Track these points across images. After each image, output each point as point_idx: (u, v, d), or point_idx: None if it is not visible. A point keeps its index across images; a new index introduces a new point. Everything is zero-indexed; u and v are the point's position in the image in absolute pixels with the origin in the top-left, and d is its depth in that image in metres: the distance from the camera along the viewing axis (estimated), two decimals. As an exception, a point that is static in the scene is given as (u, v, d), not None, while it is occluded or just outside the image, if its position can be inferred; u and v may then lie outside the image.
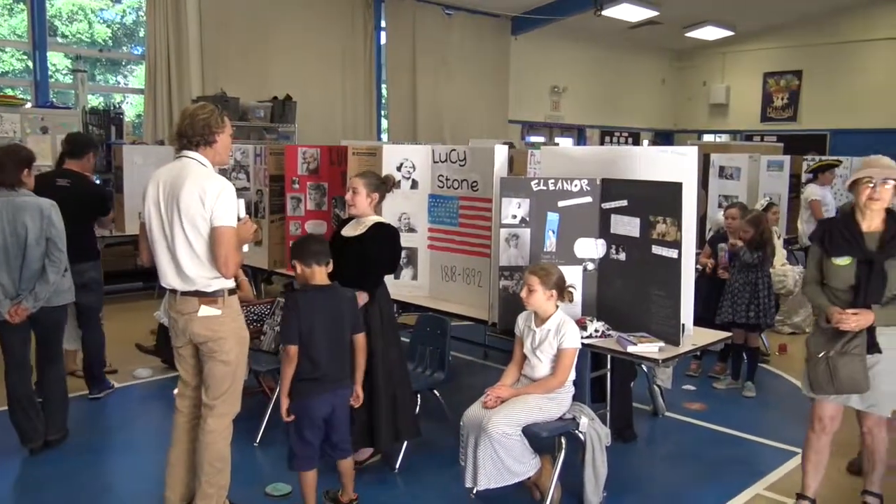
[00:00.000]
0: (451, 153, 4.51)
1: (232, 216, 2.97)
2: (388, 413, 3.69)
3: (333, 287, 3.30)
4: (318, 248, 3.27)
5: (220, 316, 3.05)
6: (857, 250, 3.10)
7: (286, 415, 3.19)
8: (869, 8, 13.76)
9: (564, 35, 13.70)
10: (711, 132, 16.75)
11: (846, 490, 3.66)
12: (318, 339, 3.16)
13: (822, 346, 3.14)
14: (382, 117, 11.99)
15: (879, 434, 3.29)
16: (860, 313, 3.03)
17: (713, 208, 7.21)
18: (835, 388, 3.11)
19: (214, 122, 3.07)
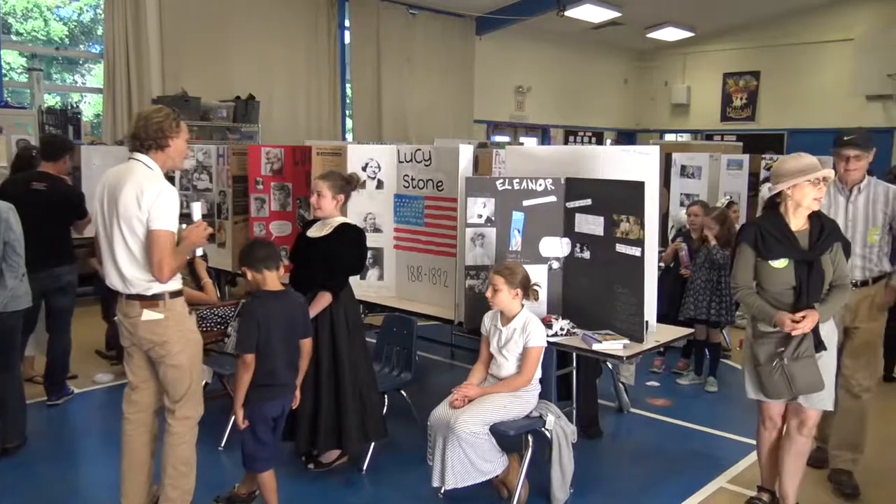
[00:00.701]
0: (416, 153, 4.51)
1: (169, 220, 2.92)
2: (356, 414, 3.68)
3: (287, 292, 3.29)
4: (266, 253, 3.23)
5: (163, 320, 3.01)
6: (793, 251, 3.09)
7: (242, 422, 3.17)
8: (822, 10, 14.08)
9: (528, 35, 13.77)
10: (673, 132, 16.98)
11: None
12: (275, 346, 3.15)
13: (771, 352, 3.11)
14: (347, 117, 11.91)
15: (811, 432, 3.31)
16: (808, 315, 3.04)
17: (675, 207, 7.33)
18: (793, 393, 3.12)
19: (168, 127, 3.03)
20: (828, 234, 3.13)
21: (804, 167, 3.07)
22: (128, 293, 3.02)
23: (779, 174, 3.12)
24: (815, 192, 3.07)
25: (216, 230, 5.82)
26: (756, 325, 3.24)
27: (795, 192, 3.08)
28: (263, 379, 3.15)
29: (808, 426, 3.26)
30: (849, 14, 13.87)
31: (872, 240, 3.59)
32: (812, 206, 3.11)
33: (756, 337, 3.22)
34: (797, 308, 3.07)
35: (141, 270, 2.96)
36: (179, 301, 3.09)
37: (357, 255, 3.75)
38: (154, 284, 2.97)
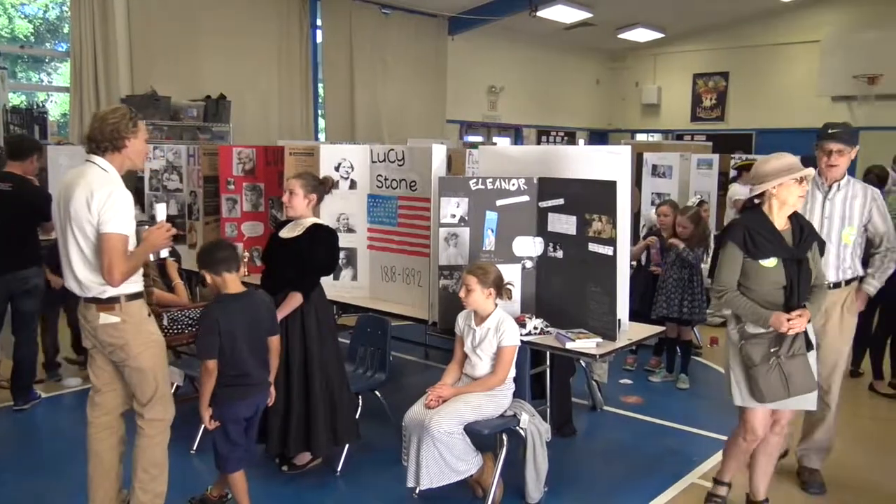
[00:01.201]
0: (389, 153, 4.50)
1: (119, 223, 2.88)
2: (326, 417, 3.65)
3: (249, 293, 3.25)
4: (225, 255, 3.18)
5: (120, 323, 2.98)
6: (782, 250, 3.06)
7: (209, 424, 3.15)
8: (789, 12, 14.31)
9: (501, 35, 13.81)
10: (644, 132, 17.14)
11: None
12: (242, 348, 3.11)
13: (765, 352, 3.05)
14: (320, 117, 11.85)
15: (784, 431, 3.34)
16: (802, 313, 3.02)
17: (647, 206, 7.39)
18: (789, 393, 3.07)
19: (124, 127, 2.98)
20: (808, 232, 3.15)
21: (789, 165, 3.06)
22: (84, 297, 2.99)
23: (763, 173, 3.08)
24: (800, 191, 3.06)
25: (187, 231, 5.76)
26: (743, 327, 3.14)
27: (781, 191, 3.05)
28: (234, 380, 3.12)
29: (782, 425, 3.29)
30: (815, 16, 14.12)
31: (847, 240, 3.56)
32: (797, 204, 3.11)
33: (745, 339, 3.10)
34: (788, 307, 3.04)
35: (94, 274, 2.93)
36: (137, 304, 3.04)
37: (329, 255, 3.73)
38: (108, 288, 2.93)
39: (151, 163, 5.94)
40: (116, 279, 2.87)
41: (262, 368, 3.22)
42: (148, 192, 6.03)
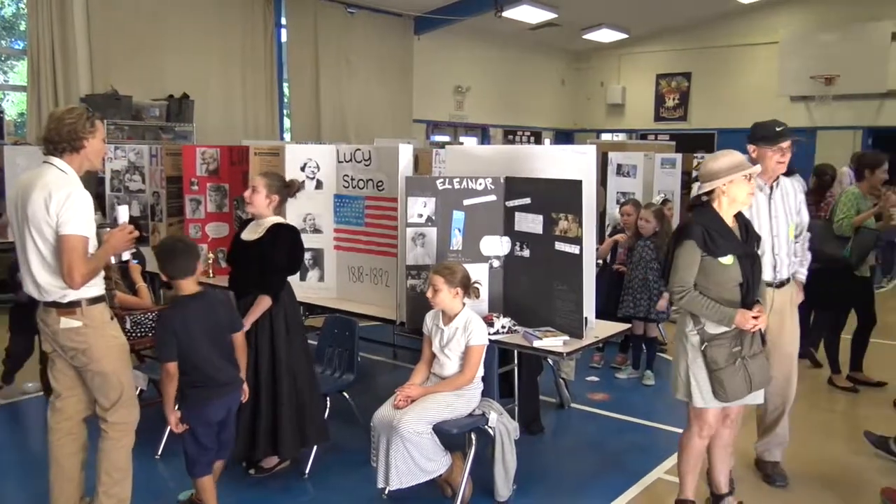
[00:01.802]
0: (355, 153, 4.48)
1: (78, 224, 2.82)
2: (293, 420, 3.62)
3: (204, 293, 3.18)
4: (184, 266, 3.10)
5: (81, 327, 2.92)
6: (737, 247, 3.08)
7: (176, 426, 3.10)
8: (749, 14, 14.60)
9: (467, 35, 13.85)
10: (609, 131, 17.33)
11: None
12: (200, 349, 3.06)
13: (728, 353, 3.04)
14: (285, 116, 11.75)
15: (734, 423, 3.40)
16: (762, 310, 3.07)
17: (612, 205, 7.46)
18: (750, 391, 3.11)
19: (82, 128, 2.93)
20: (752, 230, 3.21)
21: (738, 163, 3.07)
22: (44, 301, 2.93)
23: (713, 171, 3.08)
24: (749, 188, 3.09)
25: (150, 232, 5.67)
26: (703, 328, 3.08)
27: (731, 188, 3.05)
28: (202, 381, 3.08)
29: (732, 418, 3.35)
30: (774, 18, 14.41)
31: (792, 235, 3.64)
32: (747, 201, 3.13)
33: (708, 341, 3.06)
34: (745, 304, 3.06)
35: (54, 277, 2.87)
36: (99, 308, 2.99)
37: (292, 254, 3.69)
38: (69, 291, 2.87)
39: (113, 163, 5.83)
40: (77, 282, 2.81)
41: (230, 367, 3.19)
42: (109, 193, 5.92)
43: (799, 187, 3.72)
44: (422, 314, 3.70)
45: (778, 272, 3.57)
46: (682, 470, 3.36)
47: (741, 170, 3.05)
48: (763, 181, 3.52)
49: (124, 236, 2.99)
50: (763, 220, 3.50)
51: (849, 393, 5.29)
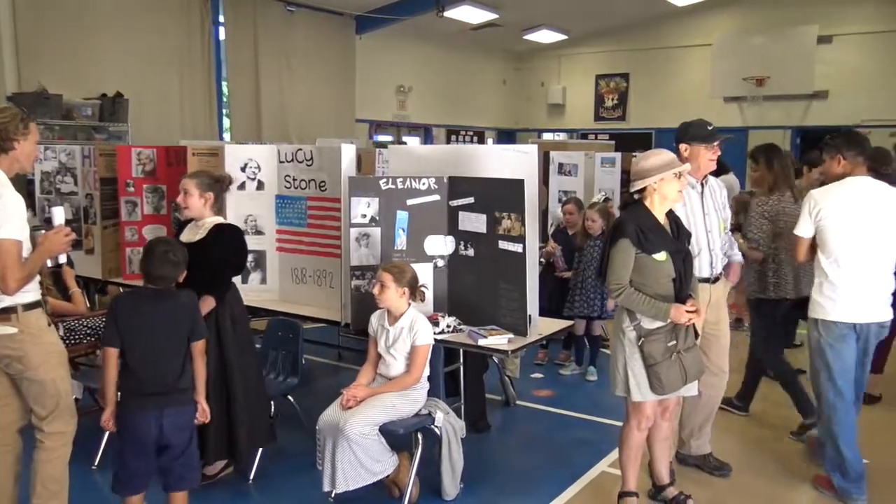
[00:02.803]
0: (297, 153, 4.43)
1: (11, 228, 2.72)
2: (246, 421, 3.56)
3: (169, 293, 3.01)
4: (167, 273, 2.98)
5: (17, 334, 2.82)
6: (670, 243, 3.16)
7: (108, 423, 2.93)
8: (684, 16, 14.97)
9: (409, 35, 13.82)
10: (550, 131, 17.54)
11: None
12: (139, 348, 2.89)
13: (664, 347, 3.11)
14: (224, 116, 11.52)
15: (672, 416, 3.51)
16: (695, 304, 3.16)
17: (554, 204, 7.56)
18: (686, 383, 3.20)
19: (14, 129, 2.82)
20: (682, 226, 3.29)
21: (669, 161, 3.15)
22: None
23: (645, 169, 3.15)
24: (678, 185, 3.17)
25: (83, 236, 5.49)
26: (640, 324, 3.15)
27: (663, 186, 3.13)
28: (128, 383, 2.90)
29: (670, 410, 3.44)
30: (707, 20, 14.82)
31: (723, 230, 3.74)
32: (678, 198, 3.22)
33: (644, 337, 3.13)
34: (679, 299, 3.14)
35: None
36: (35, 314, 2.88)
37: (235, 255, 3.63)
38: (4, 297, 2.77)
39: (42, 164, 5.62)
40: (11, 287, 2.71)
41: (165, 380, 2.91)
42: (39, 195, 5.70)
43: (722, 184, 3.84)
44: (367, 315, 3.68)
45: (714, 268, 3.67)
46: (623, 463, 3.43)
47: (671, 168, 3.13)
48: (695, 179, 3.60)
49: (60, 238, 2.89)
50: (697, 217, 3.59)
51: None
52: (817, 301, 3.53)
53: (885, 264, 3.50)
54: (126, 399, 2.93)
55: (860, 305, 3.47)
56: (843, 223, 3.45)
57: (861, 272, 3.45)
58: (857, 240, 3.44)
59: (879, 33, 13.32)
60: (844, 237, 3.45)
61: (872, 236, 3.45)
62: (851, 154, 3.57)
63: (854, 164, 3.56)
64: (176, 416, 2.93)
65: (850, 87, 13.58)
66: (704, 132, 3.59)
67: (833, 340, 3.49)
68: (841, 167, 3.59)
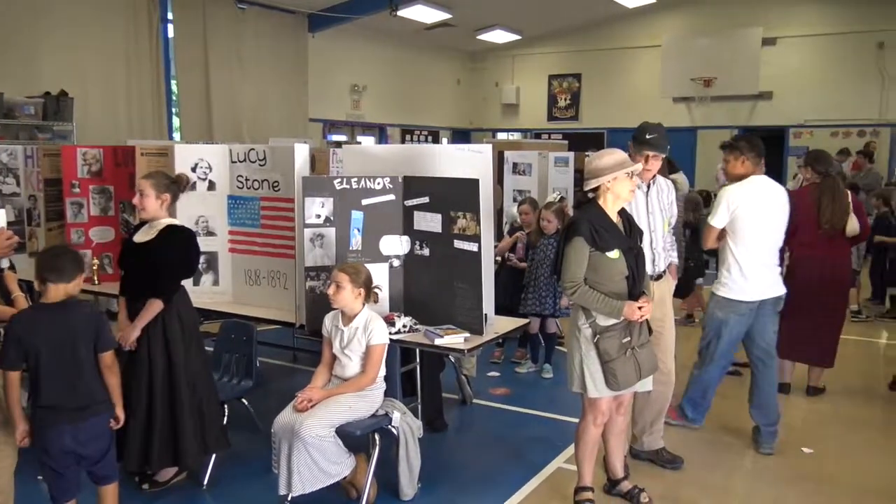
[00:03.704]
0: (249, 153, 4.37)
1: None
2: (194, 428, 3.50)
3: (66, 305, 2.91)
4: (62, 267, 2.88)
5: None
6: (623, 241, 3.22)
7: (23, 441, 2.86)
8: (634, 18, 15.23)
9: (362, 34, 13.76)
10: (504, 130, 17.67)
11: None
12: (45, 364, 2.81)
13: (619, 344, 3.16)
14: (174, 115, 11.29)
15: (627, 411, 3.59)
16: (647, 300, 3.22)
17: (508, 203, 7.61)
18: (640, 378, 3.27)
19: None
20: (634, 225, 3.36)
21: (621, 161, 3.21)
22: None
23: (598, 168, 3.20)
24: (631, 185, 3.24)
25: (27, 238, 5.32)
26: (595, 321, 3.19)
27: (615, 185, 3.18)
28: (42, 399, 2.84)
29: (625, 406, 3.51)
30: (657, 22, 15.10)
31: (667, 229, 3.84)
32: (629, 197, 3.29)
33: (600, 334, 3.17)
34: (632, 296, 3.20)
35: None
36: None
37: (187, 257, 3.57)
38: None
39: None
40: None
41: (75, 393, 2.86)
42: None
43: (672, 185, 3.94)
44: (321, 316, 3.65)
45: (656, 265, 3.76)
46: (579, 458, 3.47)
47: (624, 167, 3.19)
48: (640, 180, 3.68)
49: (2, 242, 2.80)
50: (641, 217, 3.66)
51: (731, 376, 5.60)
52: (726, 283, 4.04)
53: (777, 250, 4.09)
54: (40, 415, 2.86)
55: (764, 284, 4.04)
56: (753, 215, 3.95)
57: (764, 256, 4.02)
58: (761, 229, 3.99)
59: (821, 36, 13.77)
60: (754, 227, 3.96)
61: (771, 226, 4.02)
62: (753, 155, 3.99)
63: (755, 165, 4.00)
64: (91, 428, 2.92)
65: (794, 88, 14.01)
66: (640, 136, 3.72)
67: (735, 316, 4.03)
68: (744, 167, 3.99)
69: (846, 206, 4.86)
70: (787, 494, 3.76)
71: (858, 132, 13.59)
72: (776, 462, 4.19)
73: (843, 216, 4.84)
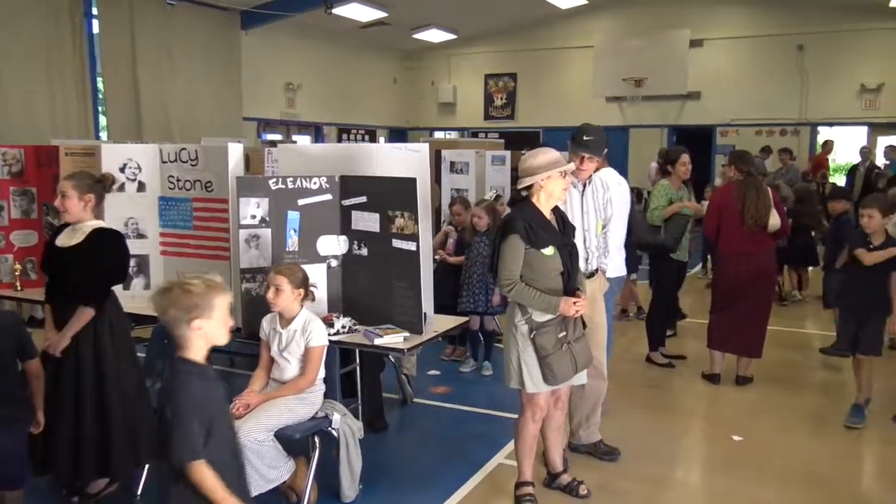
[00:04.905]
0: (181, 152, 4.26)
1: None
2: (125, 438, 3.38)
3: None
4: None
5: None
6: (557, 238, 3.28)
7: None
8: (567, 19, 15.49)
9: (297, 32, 13.57)
10: (441, 129, 17.72)
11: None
12: None
13: (555, 339, 3.21)
14: (100, 114, 10.90)
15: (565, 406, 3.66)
16: (582, 296, 3.28)
17: (446, 202, 7.64)
18: (576, 372, 3.32)
19: None
20: (567, 222, 3.42)
21: (555, 160, 3.26)
22: None
23: (533, 167, 3.25)
24: (564, 184, 3.30)
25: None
26: (531, 317, 3.24)
27: (549, 184, 3.23)
28: None
29: (563, 400, 3.58)
30: (588, 23, 15.39)
31: (600, 230, 3.91)
32: (562, 196, 3.35)
33: (536, 330, 3.22)
34: (567, 291, 3.25)
35: None
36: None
37: (117, 261, 3.44)
38: None
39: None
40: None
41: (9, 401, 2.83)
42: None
43: (611, 182, 4.02)
44: (258, 318, 3.59)
45: (589, 263, 3.83)
46: (519, 454, 3.52)
47: (557, 167, 3.24)
48: (576, 179, 3.75)
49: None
50: (576, 216, 3.72)
51: (664, 368, 5.77)
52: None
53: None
54: None
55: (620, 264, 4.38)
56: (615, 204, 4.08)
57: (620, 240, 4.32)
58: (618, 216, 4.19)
59: (745, 38, 14.28)
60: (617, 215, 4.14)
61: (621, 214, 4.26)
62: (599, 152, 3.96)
63: (603, 160, 4.08)
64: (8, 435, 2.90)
65: (720, 89, 14.49)
66: (577, 137, 3.79)
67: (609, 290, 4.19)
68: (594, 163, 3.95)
69: (768, 203, 5.06)
70: (719, 481, 3.89)
71: (781, 131, 14.16)
72: (708, 451, 4.34)
73: (766, 213, 5.04)
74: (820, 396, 5.18)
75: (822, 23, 13.41)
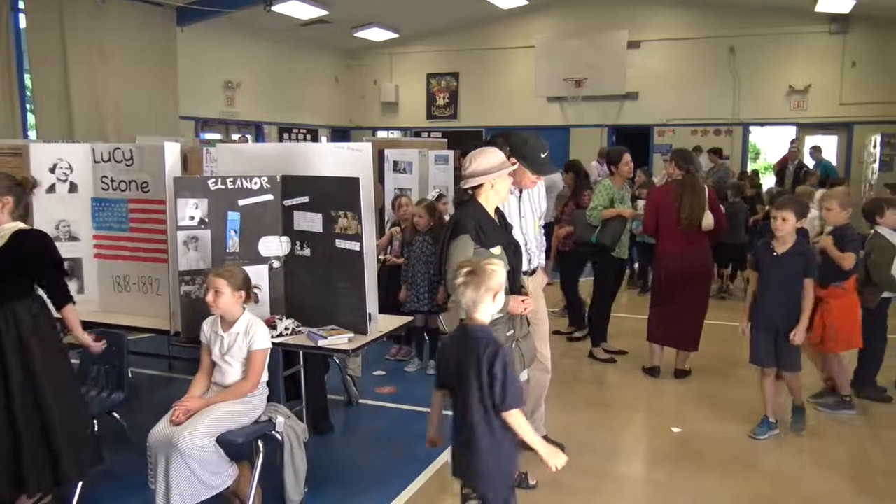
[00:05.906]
0: (115, 152, 4.15)
1: None
2: (69, 444, 3.25)
3: None
4: None
5: None
6: (503, 237, 3.32)
7: None
8: (508, 19, 15.62)
9: (236, 29, 13.33)
10: (384, 129, 17.65)
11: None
12: None
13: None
14: (28, 112, 10.49)
15: None
16: (529, 294, 3.33)
17: (390, 201, 7.62)
18: (523, 367, 3.37)
19: None
20: (507, 222, 3.46)
21: (503, 160, 3.29)
22: None
23: (482, 167, 3.25)
24: (508, 183, 3.35)
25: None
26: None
27: (498, 184, 3.29)
28: None
29: None
30: (529, 24, 15.55)
31: (538, 228, 3.97)
32: (506, 196, 3.39)
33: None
34: (513, 290, 3.26)
35: None
36: None
37: (51, 259, 3.31)
38: None
39: None
40: None
41: None
42: None
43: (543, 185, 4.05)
44: (198, 322, 3.52)
45: (531, 264, 3.89)
46: None
47: (504, 167, 3.29)
48: (513, 186, 3.74)
49: None
50: (514, 220, 3.76)
51: (607, 363, 5.88)
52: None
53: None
54: None
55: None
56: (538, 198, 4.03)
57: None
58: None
59: (681, 40, 14.65)
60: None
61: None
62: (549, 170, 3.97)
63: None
64: None
65: (657, 89, 14.83)
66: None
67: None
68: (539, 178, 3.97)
69: (703, 203, 5.21)
70: (659, 472, 3.99)
71: (715, 130, 14.58)
72: (648, 443, 4.44)
73: (700, 213, 5.18)
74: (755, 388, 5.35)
75: (752, 26, 13.86)
